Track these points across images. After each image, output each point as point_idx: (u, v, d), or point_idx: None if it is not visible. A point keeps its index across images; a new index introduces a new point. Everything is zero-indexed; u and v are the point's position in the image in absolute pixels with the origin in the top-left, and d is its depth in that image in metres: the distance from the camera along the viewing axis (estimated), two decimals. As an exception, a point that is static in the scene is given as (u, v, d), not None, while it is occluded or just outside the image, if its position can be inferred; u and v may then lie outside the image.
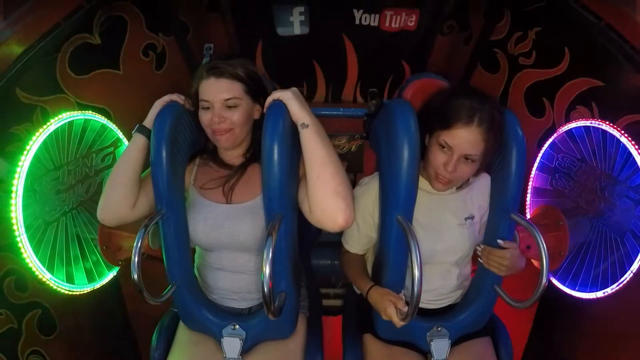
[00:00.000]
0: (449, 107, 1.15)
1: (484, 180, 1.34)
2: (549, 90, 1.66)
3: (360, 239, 1.38)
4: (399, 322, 1.15)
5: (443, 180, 1.20)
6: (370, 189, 1.32)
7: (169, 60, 1.97)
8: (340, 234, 1.42)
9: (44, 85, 1.37)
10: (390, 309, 1.16)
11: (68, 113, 1.43)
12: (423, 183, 1.29)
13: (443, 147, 1.16)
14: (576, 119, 1.52)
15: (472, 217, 1.33)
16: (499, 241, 1.26)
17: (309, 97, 2.46)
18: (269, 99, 1.17)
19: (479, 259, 1.32)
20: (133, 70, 1.74)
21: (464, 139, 1.13)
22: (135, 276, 1.13)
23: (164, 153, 1.18)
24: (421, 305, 1.14)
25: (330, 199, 1.09)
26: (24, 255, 1.30)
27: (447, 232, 1.30)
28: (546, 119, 1.69)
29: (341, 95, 2.46)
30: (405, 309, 1.12)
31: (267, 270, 1.00)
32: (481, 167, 1.23)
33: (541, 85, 1.72)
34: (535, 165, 1.72)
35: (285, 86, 1.20)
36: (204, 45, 2.07)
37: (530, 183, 1.75)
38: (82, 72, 1.50)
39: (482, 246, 1.31)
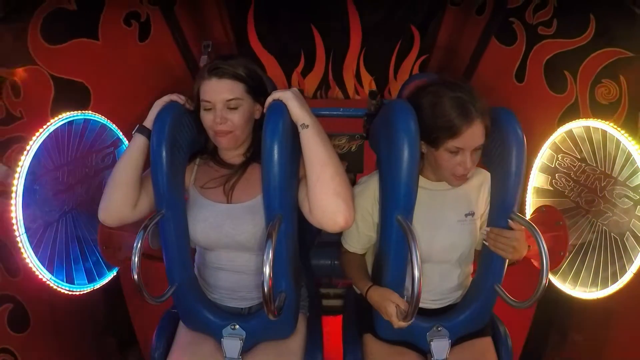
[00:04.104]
0: (444, 114, 1.13)
1: (484, 177, 1.34)
2: (571, 62, 1.55)
3: (360, 239, 1.38)
4: (398, 323, 1.15)
5: (463, 177, 1.21)
6: (368, 188, 1.32)
7: (154, 31, 1.81)
8: (340, 234, 1.43)
9: (13, 55, 1.27)
10: (391, 308, 1.17)
11: (68, 112, 1.43)
12: (422, 180, 1.29)
13: (454, 151, 1.16)
14: (602, 94, 1.42)
15: (472, 214, 1.32)
16: (510, 222, 1.24)
17: (307, 68, 2.28)
18: (269, 99, 1.17)
19: (484, 241, 1.30)
20: (114, 40, 1.60)
21: (472, 135, 1.13)
22: (135, 276, 1.13)
23: (164, 154, 1.18)
24: (421, 305, 1.14)
25: (331, 200, 1.10)
26: (24, 255, 1.30)
27: (447, 228, 1.30)
28: (568, 95, 1.58)
29: (343, 64, 2.27)
30: (406, 307, 1.12)
31: (267, 270, 1.00)
32: None
33: (563, 57, 1.60)
34: (535, 165, 1.72)
35: (281, 56, 1.15)
36: (202, 43, 1.95)
37: (530, 183, 1.75)
38: (56, 41, 1.38)
39: (489, 228, 1.28)
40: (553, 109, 1.64)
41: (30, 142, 1.30)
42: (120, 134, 1.68)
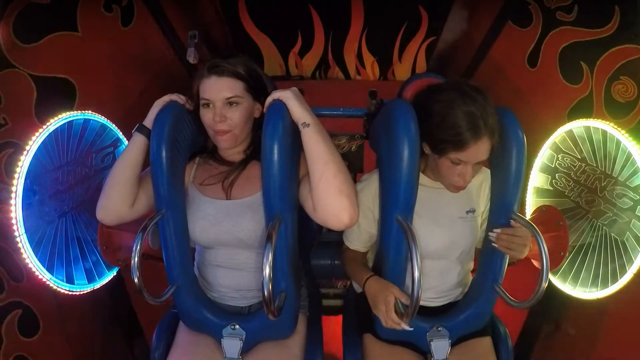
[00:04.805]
0: (453, 126, 1.12)
1: (485, 175, 1.34)
2: (589, 54, 1.48)
3: (361, 236, 1.38)
4: (392, 319, 1.15)
5: (461, 187, 1.22)
6: (369, 185, 1.32)
7: (138, 13, 1.69)
8: (340, 233, 1.43)
9: None
10: (391, 297, 1.16)
11: (68, 113, 1.43)
12: (423, 179, 1.29)
13: (456, 163, 1.16)
14: (619, 91, 1.37)
15: (474, 211, 1.33)
16: (511, 222, 1.22)
17: (304, 50, 2.16)
18: (269, 99, 1.17)
19: (493, 244, 1.25)
20: (95, 29, 1.50)
21: (477, 151, 1.13)
22: (135, 278, 1.13)
23: (163, 154, 1.18)
24: (422, 303, 1.14)
25: (334, 198, 1.11)
26: (24, 256, 1.30)
27: (448, 225, 1.30)
28: (583, 87, 1.52)
29: (343, 47, 2.14)
30: (407, 301, 1.12)
31: (267, 270, 1.00)
32: None
33: (581, 47, 1.52)
34: (535, 165, 1.72)
35: (276, 36, 1.09)
36: (189, 33, 1.86)
37: (530, 183, 1.75)
38: (32, 39, 1.30)
39: (499, 229, 1.23)
40: (565, 99, 1.58)
41: (30, 143, 1.30)
42: (120, 134, 1.68)
